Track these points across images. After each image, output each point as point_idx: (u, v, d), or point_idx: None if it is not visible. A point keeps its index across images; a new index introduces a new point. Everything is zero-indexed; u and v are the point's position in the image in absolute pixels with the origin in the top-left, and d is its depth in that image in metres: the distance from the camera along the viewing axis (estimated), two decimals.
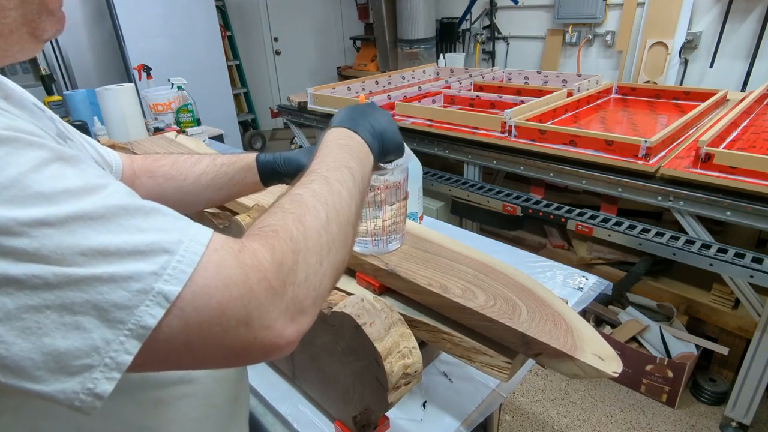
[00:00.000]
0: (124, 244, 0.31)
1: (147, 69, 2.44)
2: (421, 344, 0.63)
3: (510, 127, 1.84)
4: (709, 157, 1.42)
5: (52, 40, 2.46)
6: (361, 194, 0.50)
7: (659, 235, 1.49)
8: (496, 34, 4.05)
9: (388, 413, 0.65)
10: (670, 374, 1.76)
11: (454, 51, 4.32)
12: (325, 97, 2.47)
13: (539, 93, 2.28)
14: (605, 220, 1.60)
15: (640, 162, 1.55)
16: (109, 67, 3.38)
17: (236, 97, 4.58)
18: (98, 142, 0.70)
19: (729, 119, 1.65)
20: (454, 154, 2.05)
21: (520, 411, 1.85)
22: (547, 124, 1.83)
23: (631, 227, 1.55)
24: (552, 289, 0.63)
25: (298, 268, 0.38)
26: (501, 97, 2.23)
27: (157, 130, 2.00)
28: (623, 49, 3.34)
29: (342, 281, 0.76)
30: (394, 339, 0.58)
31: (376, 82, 2.79)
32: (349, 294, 0.68)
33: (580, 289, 0.98)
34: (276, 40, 5.24)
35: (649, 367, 1.81)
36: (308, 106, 2.57)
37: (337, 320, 0.60)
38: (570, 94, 2.20)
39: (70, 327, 0.30)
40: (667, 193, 1.49)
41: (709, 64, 3.00)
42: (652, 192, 1.53)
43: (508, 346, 0.59)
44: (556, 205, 1.73)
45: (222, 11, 4.35)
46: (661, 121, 2.02)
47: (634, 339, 1.89)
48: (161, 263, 0.32)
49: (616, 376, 0.49)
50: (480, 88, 2.59)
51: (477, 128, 1.96)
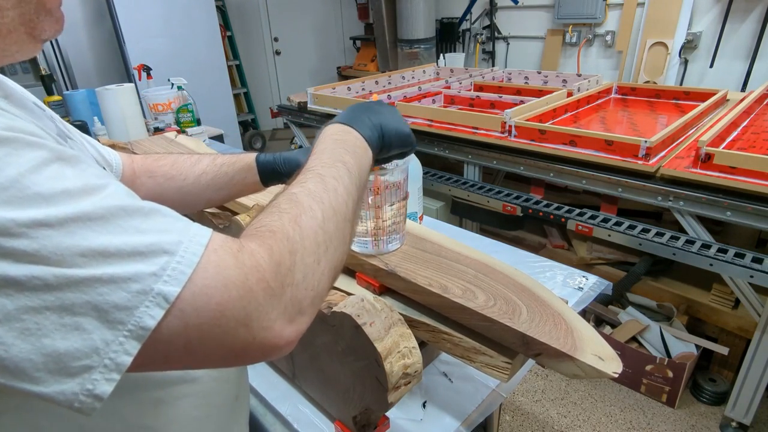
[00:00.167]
0: (123, 245, 0.31)
1: (147, 69, 2.44)
2: (421, 344, 0.63)
3: (510, 127, 1.84)
4: (709, 157, 1.42)
5: (52, 40, 2.45)
6: (359, 190, 0.49)
7: (659, 235, 1.49)
8: (496, 34, 4.05)
9: (388, 413, 0.65)
10: (670, 374, 1.76)
11: (454, 51, 4.31)
12: (325, 97, 2.47)
13: (539, 93, 2.28)
14: (605, 220, 1.60)
15: (640, 162, 1.55)
16: (109, 67, 3.38)
17: (236, 97, 4.58)
18: (98, 142, 0.70)
19: (729, 119, 1.65)
20: (454, 154, 2.05)
21: (520, 411, 1.85)
22: (547, 124, 1.83)
23: (631, 227, 1.55)
24: (552, 289, 0.63)
25: (296, 269, 0.38)
26: (501, 97, 2.23)
27: (157, 130, 2.00)
28: (623, 49, 3.34)
29: (342, 281, 0.76)
30: (394, 339, 0.58)
31: (376, 82, 2.79)
32: (349, 294, 0.68)
33: (580, 289, 0.98)
34: (276, 40, 5.24)
35: (649, 367, 1.81)
36: (308, 106, 2.57)
37: (337, 320, 0.60)
38: (570, 94, 2.20)
39: (70, 328, 0.30)
40: (667, 193, 1.49)
41: (709, 64, 3.00)
42: (652, 192, 1.53)
43: (508, 346, 0.59)
44: (556, 205, 1.73)
45: (222, 11, 4.35)
46: (661, 121, 2.02)
47: (634, 339, 1.89)
48: (161, 264, 0.32)
49: (616, 376, 0.49)
50: (480, 88, 2.59)
51: (477, 128, 1.96)
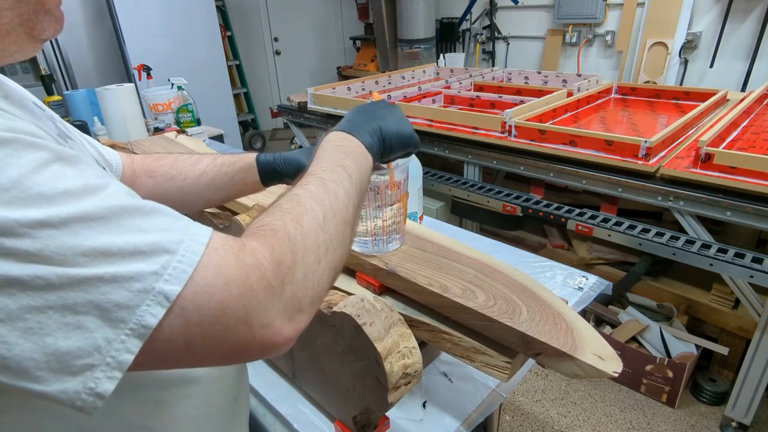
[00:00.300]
0: (125, 245, 0.32)
1: (147, 69, 2.44)
2: (421, 344, 0.63)
3: (510, 127, 1.84)
4: (709, 157, 1.42)
5: (52, 40, 2.46)
6: (359, 194, 0.50)
7: (659, 235, 1.49)
8: (496, 34, 4.05)
9: (388, 413, 0.65)
10: (670, 374, 1.76)
11: (454, 51, 4.31)
12: (325, 97, 2.47)
13: (539, 93, 2.28)
14: (605, 220, 1.60)
15: (640, 162, 1.55)
16: (109, 67, 3.38)
17: (236, 97, 4.58)
18: (98, 142, 0.70)
19: (729, 119, 1.65)
20: (454, 154, 2.05)
21: (520, 411, 1.85)
22: (547, 124, 1.83)
23: (631, 227, 1.55)
24: (552, 289, 0.63)
25: (297, 268, 0.38)
26: (501, 97, 2.23)
27: (157, 130, 2.00)
28: (623, 49, 3.34)
29: (342, 281, 0.76)
30: (394, 339, 0.58)
31: (376, 82, 2.79)
32: (349, 294, 0.68)
33: (580, 289, 0.98)
34: (276, 40, 5.24)
35: (649, 367, 1.81)
36: (308, 106, 2.57)
37: (337, 320, 0.60)
38: (570, 94, 2.20)
39: (72, 327, 0.30)
40: (667, 193, 1.50)
41: (709, 64, 3.00)
42: (652, 192, 1.53)
43: (508, 346, 0.59)
44: (556, 205, 1.73)
45: (222, 11, 4.35)
46: (661, 121, 2.02)
47: (634, 339, 1.89)
48: (162, 263, 0.32)
49: (616, 376, 0.49)
50: (480, 88, 2.59)
51: (477, 128, 1.96)
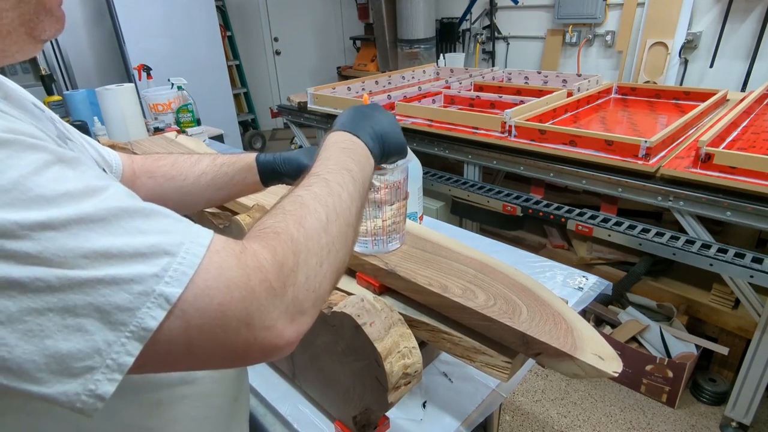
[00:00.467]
0: (125, 247, 0.31)
1: (147, 69, 2.44)
2: (421, 344, 0.63)
3: (510, 127, 1.84)
4: (709, 157, 1.42)
5: (52, 40, 2.46)
6: (362, 197, 0.50)
7: (659, 235, 1.49)
8: (496, 34, 4.05)
9: (388, 413, 0.65)
10: (670, 374, 1.76)
11: (454, 51, 4.31)
12: (325, 97, 2.47)
13: (539, 93, 2.28)
14: (605, 220, 1.60)
15: (640, 162, 1.55)
16: (109, 67, 3.38)
17: (236, 97, 4.58)
18: (98, 142, 0.70)
19: (729, 119, 1.65)
20: (454, 154, 2.05)
21: (520, 411, 1.85)
22: (547, 124, 1.83)
23: (631, 227, 1.55)
24: (552, 289, 0.63)
25: (299, 270, 0.38)
26: (501, 97, 2.23)
27: (157, 130, 2.00)
28: (623, 49, 3.34)
29: (342, 281, 0.76)
30: (394, 339, 0.58)
31: (376, 82, 2.79)
32: (349, 294, 0.68)
33: (580, 289, 0.98)
34: (276, 40, 5.24)
35: (649, 367, 1.81)
36: (308, 106, 2.57)
37: (337, 320, 0.60)
38: (570, 94, 2.20)
39: (72, 329, 0.30)
40: (667, 193, 1.49)
41: (709, 64, 3.00)
42: (652, 192, 1.53)
43: (508, 345, 0.59)
44: (556, 205, 1.73)
45: (222, 11, 4.35)
46: (661, 121, 2.02)
47: (634, 339, 1.89)
48: (162, 265, 0.32)
49: (616, 376, 0.49)
50: (480, 88, 2.59)
51: (477, 128, 1.96)
